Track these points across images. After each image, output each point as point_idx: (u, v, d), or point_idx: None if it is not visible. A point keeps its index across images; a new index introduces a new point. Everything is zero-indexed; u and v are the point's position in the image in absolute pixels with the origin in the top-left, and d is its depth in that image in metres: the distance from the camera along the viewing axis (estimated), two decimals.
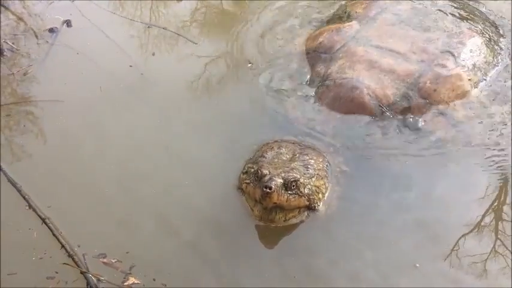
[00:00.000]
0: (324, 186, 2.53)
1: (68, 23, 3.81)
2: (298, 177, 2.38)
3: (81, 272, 2.33)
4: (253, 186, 2.39)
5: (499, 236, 2.49)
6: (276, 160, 2.50)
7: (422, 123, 2.78)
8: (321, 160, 2.60)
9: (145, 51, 3.66)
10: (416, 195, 2.61)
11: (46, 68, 3.44)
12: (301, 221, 2.48)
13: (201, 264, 2.39)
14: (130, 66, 3.43)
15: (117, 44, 3.61)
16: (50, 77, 3.38)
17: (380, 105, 2.78)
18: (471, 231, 2.51)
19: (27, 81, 3.35)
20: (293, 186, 2.35)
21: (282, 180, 2.31)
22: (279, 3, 3.97)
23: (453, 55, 3.01)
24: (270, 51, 3.46)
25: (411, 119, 2.79)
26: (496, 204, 2.62)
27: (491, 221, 2.55)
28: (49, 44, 3.62)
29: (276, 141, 2.72)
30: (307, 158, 2.55)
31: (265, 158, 2.52)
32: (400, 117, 2.79)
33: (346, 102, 2.81)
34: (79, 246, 2.43)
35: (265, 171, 2.35)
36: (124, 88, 3.28)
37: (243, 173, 2.55)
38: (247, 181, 2.46)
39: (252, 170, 2.45)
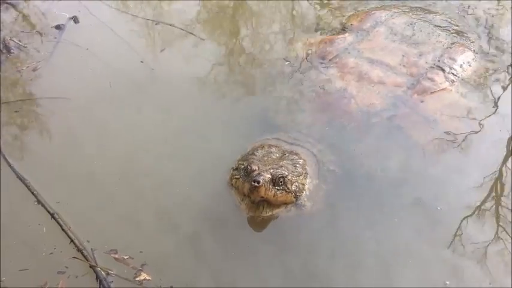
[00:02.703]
0: (311, 184, 2.65)
1: (74, 19, 3.85)
2: (286, 173, 2.50)
3: (91, 266, 2.40)
4: (243, 181, 2.51)
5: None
6: (265, 158, 2.62)
7: (407, 132, 2.89)
8: (309, 159, 2.73)
9: (153, 48, 3.71)
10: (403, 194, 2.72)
11: (53, 65, 3.49)
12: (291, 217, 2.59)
13: (200, 261, 2.47)
14: (142, 62, 3.50)
15: (124, 40, 3.67)
16: (57, 74, 3.44)
17: (366, 113, 2.90)
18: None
19: (35, 78, 3.40)
20: (281, 182, 2.47)
21: (270, 176, 2.44)
22: (282, 6, 4.10)
23: (443, 70, 3.14)
24: (270, 53, 3.62)
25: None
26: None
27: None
28: (56, 41, 3.66)
29: (267, 140, 2.83)
30: (296, 157, 2.68)
31: (256, 155, 2.64)
32: (385, 124, 2.89)
33: (333, 109, 2.94)
34: (88, 242, 2.50)
35: (255, 167, 2.48)
36: (131, 84, 3.34)
37: (234, 169, 2.67)
38: (237, 176, 2.59)
39: (242, 166, 2.58)
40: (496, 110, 3.13)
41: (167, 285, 2.36)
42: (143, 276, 2.37)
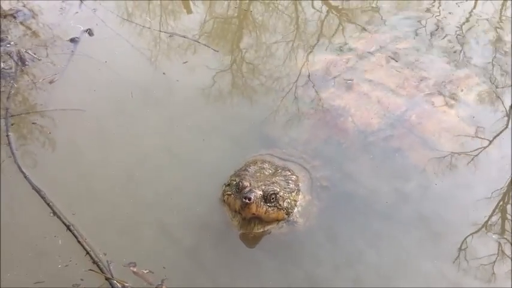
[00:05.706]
0: (303, 200, 2.65)
1: (89, 32, 3.93)
2: (278, 190, 2.50)
3: (106, 278, 2.39)
4: (234, 197, 2.52)
5: None
6: (258, 174, 2.63)
7: (404, 152, 2.89)
8: (302, 175, 2.73)
9: (172, 60, 3.76)
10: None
11: (69, 77, 3.53)
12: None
13: (201, 273, 2.47)
14: (164, 73, 3.56)
15: (140, 51, 3.73)
16: (73, 86, 3.48)
17: (363, 132, 2.92)
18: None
19: (51, 90, 3.44)
20: (272, 198, 2.47)
21: (261, 192, 2.44)
22: (287, 22, 4.18)
23: (443, 94, 3.16)
24: (270, 68, 3.67)
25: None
26: None
27: None
28: (71, 54, 3.72)
29: (260, 156, 2.85)
30: (289, 173, 2.69)
31: (248, 171, 2.65)
32: (382, 143, 2.90)
33: (330, 127, 2.96)
34: (105, 254, 2.50)
35: (246, 183, 2.49)
36: (145, 95, 3.38)
37: (226, 185, 2.67)
38: (228, 193, 2.59)
39: (234, 182, 2.58)
40: (497, 135, 3.12)
41: None
42: None
